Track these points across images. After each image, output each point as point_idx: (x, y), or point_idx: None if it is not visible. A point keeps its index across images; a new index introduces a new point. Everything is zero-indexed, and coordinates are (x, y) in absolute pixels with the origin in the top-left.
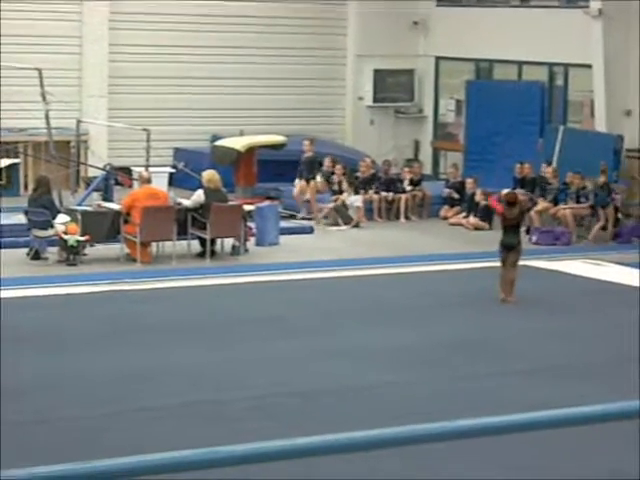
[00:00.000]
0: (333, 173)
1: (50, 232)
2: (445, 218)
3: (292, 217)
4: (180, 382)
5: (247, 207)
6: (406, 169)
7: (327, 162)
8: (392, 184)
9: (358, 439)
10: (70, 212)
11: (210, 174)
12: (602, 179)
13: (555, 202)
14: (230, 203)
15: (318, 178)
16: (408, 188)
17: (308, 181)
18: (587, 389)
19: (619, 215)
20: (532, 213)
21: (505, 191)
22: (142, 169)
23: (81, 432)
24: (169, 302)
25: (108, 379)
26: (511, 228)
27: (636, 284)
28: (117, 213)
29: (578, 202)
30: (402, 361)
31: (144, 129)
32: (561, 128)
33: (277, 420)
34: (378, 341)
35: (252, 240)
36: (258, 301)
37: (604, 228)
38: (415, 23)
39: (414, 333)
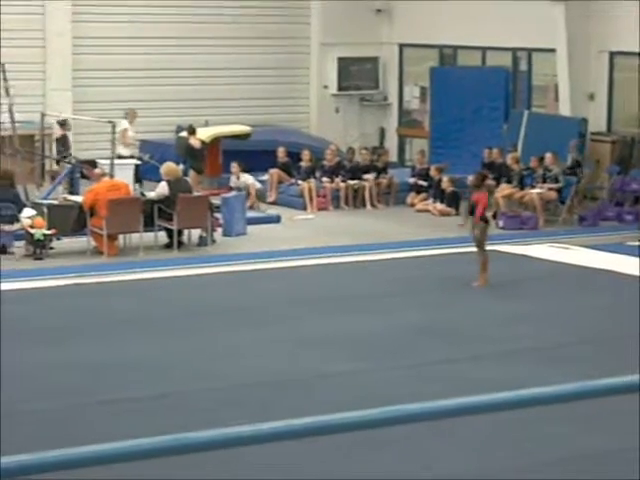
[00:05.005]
0: (297, 162)
1: (16, 226)
2: (412, 205)
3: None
4: (149, 374)
5: None
6: (363, 151)
7: (280, 152)
8: (357, 172)
9: (320, 423)
10: (36, 206)
11: (167, 167)
12: (572, 157)
13: (521, 187)
14: (196, 194)
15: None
16: (369, 175)
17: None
18: (555, 371)
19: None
20: (499, 198)
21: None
22: (107, 162)
23: (47, 424)
24: (137, 294)
25: (76, 372)
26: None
27: (602, 267)
28: (83, 206)
29: (544, 183)
30: (369, 349)
31: (109, 121)
32: (526, 113)
33: (246, 410)
34: (346, 329)
35: (219, 231)
36: (226, 291)
37: (571, 210)
38: (378, 11)
39: (381, 320)
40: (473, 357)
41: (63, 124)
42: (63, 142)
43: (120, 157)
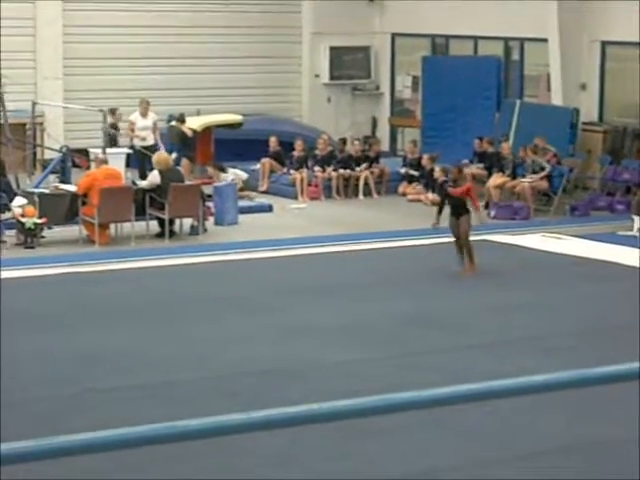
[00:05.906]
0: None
1: (7, 215)
2: (404, 194)
3: None
4: (140, 363)
5: None
6: (356, 142)
7: (272, 141)
8: (349, 161)
9: (311, 412)
10: (27, 195)
11: (158, 156)
12: (550, 153)
13: (514, 176)
14: (187, 183)
15: None
16: (363, 166)
17: None
18: (548, 361)
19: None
20: (490, 188)
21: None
22: (99, 150)
23: (38, 414)
24: (128, 283)
25: (68, 361)
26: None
27: (594, 256)
28: (74, 195)
29: (534, 173)
30: (362, 338)
31: (100, 110)
32: (518, 102)
33: (236, 400)
34: (339, 319)
35: (211, 219)
36: (217, 280)
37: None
38: (370, 0)
39: (373, 310)
40: (465, 347)
41: (113, 112)
42: (111, 128)
43: (132, 148)
